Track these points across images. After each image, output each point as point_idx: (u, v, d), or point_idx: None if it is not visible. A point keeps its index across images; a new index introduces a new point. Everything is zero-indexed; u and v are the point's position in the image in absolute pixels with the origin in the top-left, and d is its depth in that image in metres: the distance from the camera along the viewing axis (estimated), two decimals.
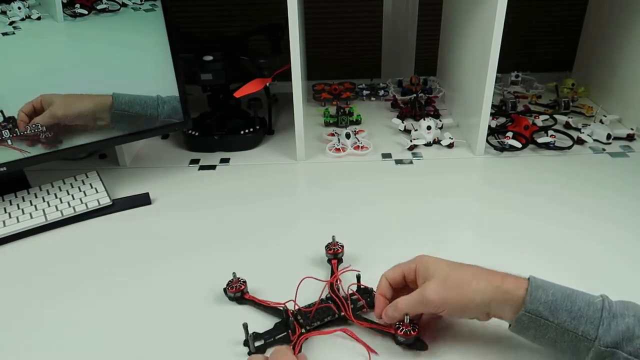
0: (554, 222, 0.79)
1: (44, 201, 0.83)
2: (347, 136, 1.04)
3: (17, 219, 0.80)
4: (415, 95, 1.20)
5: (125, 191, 0.89)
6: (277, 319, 0.61)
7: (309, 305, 0.62)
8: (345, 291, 0.64)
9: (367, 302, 0.62)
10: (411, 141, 1.03)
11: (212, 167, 0.99)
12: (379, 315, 0.58)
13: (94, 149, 1.03)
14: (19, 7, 0.74)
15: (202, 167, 1.00)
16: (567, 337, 0.47)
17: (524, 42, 1.36)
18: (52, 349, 0.59)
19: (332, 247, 0.70)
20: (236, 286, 0.64)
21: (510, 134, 1.02)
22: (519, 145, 1.00)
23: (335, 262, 0.69)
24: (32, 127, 0.79)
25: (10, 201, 0.83)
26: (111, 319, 0.63)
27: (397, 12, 1.33)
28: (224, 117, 1.07)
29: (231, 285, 0.64)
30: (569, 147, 1.01)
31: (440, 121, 1.09)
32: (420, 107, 1.17)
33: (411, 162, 0.99)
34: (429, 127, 1.04)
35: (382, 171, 0.97)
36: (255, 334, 0.58)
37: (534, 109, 1.19)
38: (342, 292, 0.64)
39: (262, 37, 1.09)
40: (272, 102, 1.16)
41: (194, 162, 1.01)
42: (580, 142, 1.03)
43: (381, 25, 1.35)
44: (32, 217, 0.80)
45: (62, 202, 0.83)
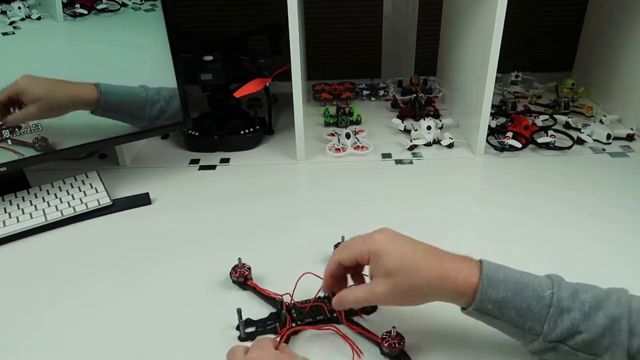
0: (554, 222, 0.79)
1: (44, 201, 0.83)
2: (347, 136, 1.04)
3: (17, 219, 0.80)
4: (415, 95, 1.20)
5: (125, 191, 0.89)
6: (273, 310, 0.62)
7: (305, 301, 0.62)
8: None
9: (363, 307, 0.62)
10: (411, 141, 1.03)
11: (212, 167, 0.99)
12: (325, 289, 0.58)
13: (94, 149, 1.03)
14: (19, 7, 0.74)
15: (202, 167, 1.00)
16: (515, 330, 0.49)
17: (524, 42, 1.35)
18: (52, 349, 0.59)
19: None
20: (240, 271, 0.66)
21: (510, 134, 1.02)
22: (519, 145, 1.00)
23: None
24: (32, 127, 0.80)
25: (10, 201, 0.83)
26: (111, 318, 0.63)
27: (397, 12, 1.33)
28: (224, 117, 1.07)
29: (236, 269, 0.67)
30: (569, 147, 1.01)
31: (440, 121, 1.09)
32: (420, 107, 1.17)
33: (411, 162, 0.99)
34: (429, 127, 1.04)
35: (382, 171, 0.97)
36: (248, 320, 0.60)
37: (534, 109, 1.19)
38: None
39: (262, 37, 1.09)
40: (272, 102, 1.16)
41: (194, 162, 1.01)
42: (580, 142, 1.03)
43: (381, 25, 1.35)
44: (32, 217, 0.80)
45: (62, 202, 0.83)
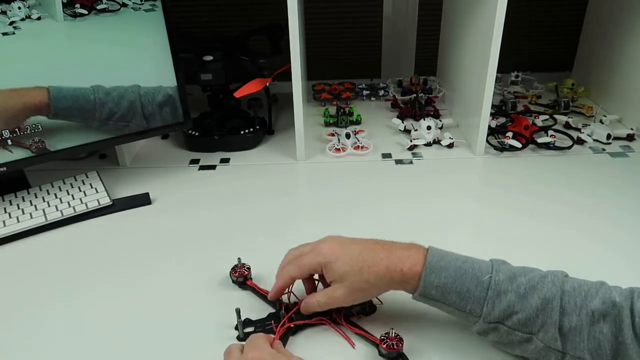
0: (554, 222, 0.79)
1: (44, 201, 0.83)
2: (347, 136, 1.04)
3: (17, 219, 0.80)
4: (415, 95, 1.20)
5: (125, 191, 0.89)
6: (272, 310, 0.62)
7: None
8: None
9: (362, 308, 0.62)
10: (411, 141, 1.03)
11: (212, 167, 0.99)
12: (272, 297, 0.61)
13: (94, 149, 1.03)
14: (19, 7, 0.74)
15: (202, 167, 1.00)
16: (458, 313, 0.53)
17: (524, 42, 1.35)
18: (52, 349, 0.59)
19: None
20: (240, 271, 0.66)
21: (510, 134, 1.02)
22: (519, 145, 1.00)
23: None
24: (32, 127, 0.80)
25: (10, 201, 0.83)
26: (111, 318, 0.63)
27: (397, 12, 1.33)
28: (224, 117, 1.07)
29: (235, 269, 0.67)
30: (569, 147, 1.01)
31: (440, 121, 1.09)
32: (420, 107, 1.17)
33: (411, 162, 0.99)
34: (429, 127, 1.04)
35: (382, 171, 0.97)
36: (247, 320, 0.60)
37: (534, 109, 1.19)
38: None
39: (262, 37, 1.09)
40: (272, 102, 1.16)
41: (194, 162, 1.01)
42: (580, 142, 1.03)
43: (381, 25, 1.35)
44: (32, 217, 0.80)
45: (62, 202, 0.83)
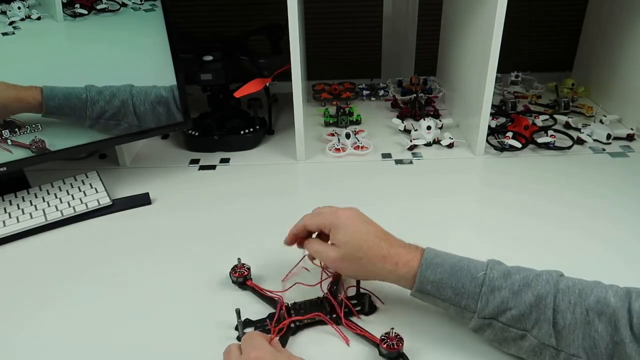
0: (554, 221, 0.79)
1: (44, 201, 0.83)
2: (347, 136, 1.04)
3: (17, 219, 0.80)
4: (415, 95, 1.20)
5: (125, 191, 0.89)
6: (272, 310, 0.62)
7: (305, 301, 0.63)
8: (345, 292, 0.64)
9: (362, 308, 0.62)
10: (411, 141, 1.03)
11: (212, 167, 0.99)
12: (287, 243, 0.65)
13: (94, 149, 1.03)
14: (19, 7, 0.74)
15: (202, 167, 1.00)
16: (453, 309, 0.54)
17: (524, 42, 1.35)
18: (52, 349, 0.59)
19: None
20: (240, 271, 0.66)
21: (510, 134, 1.02)
22: (519, 145, 1.00)
23: None
24: (32, 128, 0.80)
25: (10, 201, 0.83)
26: (111, 318, 0.63)
27: (397, 12, 1.33)
28: (224, 117, 1.07)
29: (235, 269, 0.67)
30: (569, 147, 1.01)
31: (440, 121, 1.09)
32: (420, 107, 1.17)
33: (411, 162, 0.99)
34: (429, 127, 1.04)
35: (382, 171, 0.97)
36: (247, 321, 0.60)
37: (534, 109, 1.19)
38: (341, 292, 0.64)
39: (262, 37, 1.09)
40: (272, 102, 1.16)
41: (194, 162, 1.01)
42: (580, 142, 1.03)
43: (381, 25, 1.35)
44: (32, 217, 0.80)
45: (62, 202, 0.83)
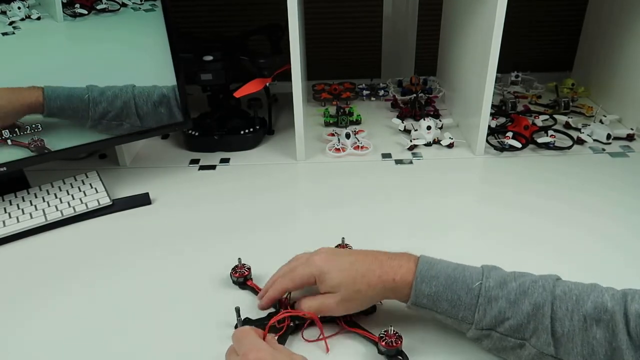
0: (554, 221, 0.79)
1: (44, 201, 0.83)
2: (347, 136, 1.04)
3: (17, 219, 0.80)
4: (415, 95, 1.20)
5: (125, 191, 0.89)
6: (272, 310, 0.62)
7: None
8: None
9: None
10: (411, 141, 1.03)
11: (212, 167, 0.99)
12: (262, 298, 0.62)
13: (94, 149, 1.03)
14: (19, 7, 0.74)
15: (202, 167, 1.00)
16: (451, 320, 0.54)
17: (524, 42, 1.35)
18: (52, 349, 0.59)
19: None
20: (240, 271, 0.66)
21: (510, 134, 1.02)
22: (518, 145, 1.00)
23: None
24: (32, 127, 0.80)
25: (10, 201, 0.83)
26: (111, 318, 0.63)
27: (397, 12, 1.33)
28: (224, 117, 1.07)
29: (236, 270, 0.67)
30: (569, 147, 1.01)
31: (440, 121, 1.09)
32: (420, 107, 1.17)
33: (411, 162, 0.99)
34: (429, 127, 1.04)
35: (382, 171, 0.97)
36: (246, 320, 0.60)
37: (534, 109, 1.19)
38: None
39: (262, 37, 1.09)
40: (272, 102, 1.16)
41: (194, 162, 1.01)
42: (580, 142, 1.03)
43: (381, 25, 1.35)
44: (32, 217, 0.80)
45: (62, 202, 0.83)
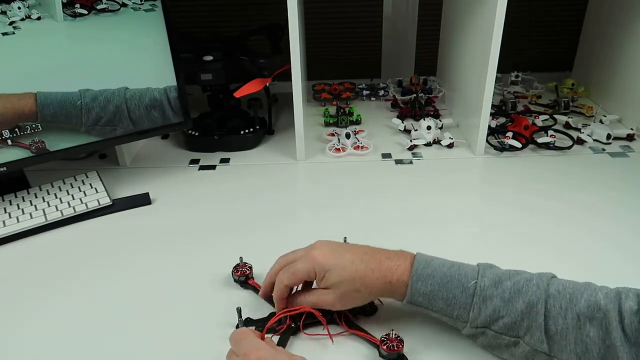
0: (554, 221, 0.79)
1: (44, 201, 0.83)
2: (347, 136, 1.04)
3: (17, 219, 0.80)
4: (415, 95, 1.21)
5: (125, 191, 0.89)
6: (274, 310, 0.62)
7: None
8: None
9: (362, 308, 0.61)
10: (411, 141, 1.03)
11: (212, 167, 0.99)
12: (263, 295, 0.63)
13: (94, 149, 1.03)
14: (19, 7, 0.74)
15: (202, 167, 1.00)
16: (446, 318, 0.54)
17: (524, 42, 1.35)
18: (52, 349, 0.59)
19: None
20: (242, 270, 0.67)
21: (510, 134, 1.02)
22: (519, 145, 1.00)
23: None
24: (32, 128, 0.80)
25: (10, 201, 0.83)
26: (111, 318, 0.63)
27: (397, 12, 1.33)
28: (224, 117, 1.07)
29: (237, 268, 0.67)
30: (569, 147, 1.01)
31: (440, 121, 1.09)
32: (420, 107, 1.17)
33: (411, 162, 0.99)
34: (429, 127, 1.04)
35: (382, 171, 0.97)
36: (248, 320, 0.60)
37: (534, 109, 1.19)
38: None
39: (262, 37, 1.09)
40: (272, 102, 1.16)
41: (194, 162, 1.01)
42: (580, 142, 1.03)
43: (381, 25, 1.35)
44: (32, 217, 0.80)
45: (62, 202, 0.83)
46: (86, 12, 0.79)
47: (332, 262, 0.56)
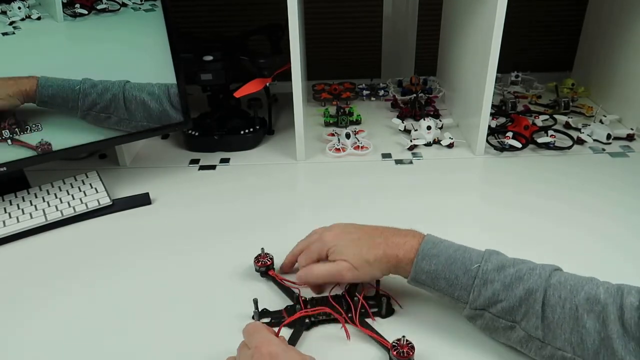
0: (554, 221, 0.79)
1: (44, 201, 0.83)
2: (347, 136, 1.04)
3: (17, 219, 0.80)
4: (415, 95, 1.21)
5: (125, 191, 0.89)
6: (290, 302, 0.63)
7: (323, 297, 0.63)
8: (363, 292, 0.63)
9: (379, 310, 0.61)
10: (411, 141, 1.03)
11: (212, 167, 0.99)
12: (286, 270, 0.68)
13: (94, 149, 1.03)
14: (19, 7, 0.74)
15: (202, 167, 1.00)
16: (448, 299, 0.56)
17: (524, 42, 1.35)
18: (52, 349, 0.59)
19: None
20: (263, 261, 0.68)
21: (510, 134, 1.02)
22: (519, 145, 1.00)
23: None
24: (32, 127, 0.80)
25: (10, 201, 0.83)
26: (111, 318, 0.63)
27: (397, 12, 1.33)
28: (224, 117, 1.07)
29: (258, 259, 0.68)
30: (569, 147, 1.01)
31: (440, 121, 1.09)
32: (420, 107, 1.17)
33: (411, 162, 0.99)
34: (429, 127, 1.04)
35: (382, 171, 0.97)
36: (264, 311, 0.61)
37: (534, 109, 1.19)
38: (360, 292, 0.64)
39: (262, 37, 1.09)
40: (272, 102, 1.16)
41: (194, 162, 1.01)
42: (580, 142, 1.03)
43: (381, 25, 1.35)
44: (32, 217, 0.80)
45: (62, 202, 0.83)
46: (86, 12, 0.79)
47: (341, 240, 0.61)
